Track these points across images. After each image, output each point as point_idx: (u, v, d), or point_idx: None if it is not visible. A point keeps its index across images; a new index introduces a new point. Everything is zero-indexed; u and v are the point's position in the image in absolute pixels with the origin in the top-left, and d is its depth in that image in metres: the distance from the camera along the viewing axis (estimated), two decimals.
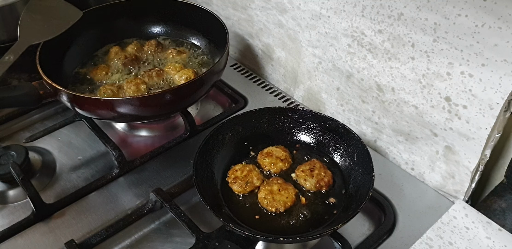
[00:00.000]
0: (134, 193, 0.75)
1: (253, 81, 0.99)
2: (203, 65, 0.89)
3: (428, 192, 0.76)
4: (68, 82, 0.85)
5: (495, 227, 0.68)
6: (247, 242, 0.64)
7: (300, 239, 0.62)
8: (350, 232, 0.69)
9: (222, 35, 0.83)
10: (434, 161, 0.74)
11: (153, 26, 0.97)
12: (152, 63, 0.89)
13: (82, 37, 0.90)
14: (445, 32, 0.60)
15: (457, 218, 0.70)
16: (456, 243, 0.66)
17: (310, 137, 0.78)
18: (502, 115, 0.61)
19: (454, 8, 0.57)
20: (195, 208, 0.73)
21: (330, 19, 0.75)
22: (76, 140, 0.85)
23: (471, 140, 0.65)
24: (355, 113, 0.83)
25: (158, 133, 0.88)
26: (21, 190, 0.74)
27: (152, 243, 0.69)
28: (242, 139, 0.76)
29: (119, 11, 0.93)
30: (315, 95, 0.89)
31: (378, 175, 0.67)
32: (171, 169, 0.79)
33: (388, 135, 0.79)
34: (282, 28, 0.87)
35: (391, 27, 0.66)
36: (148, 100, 0.70)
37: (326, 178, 0.70)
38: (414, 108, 0.71)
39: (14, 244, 0.68)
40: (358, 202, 0.64)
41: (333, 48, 0.78)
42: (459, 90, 0.63)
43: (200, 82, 0.75)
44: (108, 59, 0.90)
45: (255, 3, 0.89)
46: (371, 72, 0.74)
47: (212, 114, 0.91)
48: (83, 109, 0.72)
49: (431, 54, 0.63)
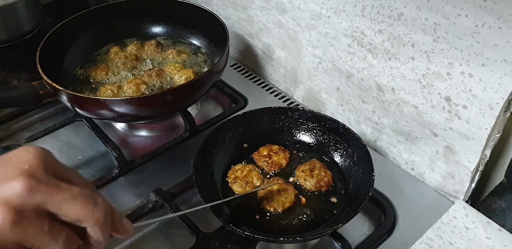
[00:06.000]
0: (134, 193, 0.75)
1: (253, 81, 0.99)
2: (203, 65, 0.89)
3: (428, 192, 0.76)
4: (68, 82, 0.85)
5: (495, 227, 0.68)
6: (247, 242, 0.64)
7: (300, 239, 0.62)
8: (350, 232, 0.69)
9: (222, 35, 0.83)
10: (434, 161, 0.74)
11: (153, 26, 0.97)
12: (152, 63, 0.89)
13: (82, 37, 0.90)
14: (445, 32, 0.60)
15: (457, 218, 0.70)
16: (456, 243, 0.66)
17: (310, 137, 0.78)
18: (502, 115, 0.61)
19: (454, 8, 0.57)
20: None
21: (330, 19, 0.75)
22: (76, 140, 0.85)
23: (471, 140, 0.65)
24: (355, 113, 0.83)
25: (158, 133, 0.88)
26: None
27: (152, 243, 0.69)
28: (242, 139, 0.76)
29: (119, 11, 0.93)
30: (315, 95, 0.89)
31: (378, 175, 0.67)
32: (171, 169, 0.79)
33: (388, 135, 0.79)
34: (282, 28, 0.87)
35: (391, 27, 0.66)
36: (148, 100, 0.70)
37: (326, 178, 0.70)
38: (414, 108, 0.71)
39: None
40: (358, 202, 0.64)
41: (333, 48, 0.78)
42: (459, 90, 0.63)
43: (200, 82, 0.75)
44: (108, 59, 0.90)
45: (255, 3, 0.89)
46: (371, 72, 0.74)
47: (212, 114, 0.91)
48: (83, 109, 0.72)
49: (431, 54, 0.63)
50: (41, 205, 0.34)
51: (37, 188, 0.34)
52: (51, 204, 0.35)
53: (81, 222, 0.37)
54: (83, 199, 0.36)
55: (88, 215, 0.36)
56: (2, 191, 0.33)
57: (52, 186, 0.35)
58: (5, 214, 0.32)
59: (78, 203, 0.36)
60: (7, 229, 0.32)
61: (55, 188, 0.35)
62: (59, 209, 0.35)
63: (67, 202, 0.35)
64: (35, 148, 0.37)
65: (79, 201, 0.36)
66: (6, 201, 0.33)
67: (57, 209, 0.35)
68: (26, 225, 0.33)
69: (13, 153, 0.36)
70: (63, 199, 0.35)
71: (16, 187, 0.33)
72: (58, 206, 0.35)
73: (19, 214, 0.33)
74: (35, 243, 0.34)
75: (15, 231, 0.33)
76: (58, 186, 0.35)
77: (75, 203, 0.36)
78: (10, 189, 0.33)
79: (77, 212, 0.36)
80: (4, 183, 0.34)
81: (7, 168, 0.35)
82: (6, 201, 0.33)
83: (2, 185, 0.33)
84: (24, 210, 0.33)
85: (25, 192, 0.33)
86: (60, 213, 0.35)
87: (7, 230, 0.32)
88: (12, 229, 0.32)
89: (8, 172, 0.34)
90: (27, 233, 0.33)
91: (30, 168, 0.35)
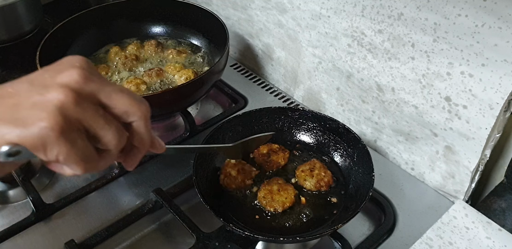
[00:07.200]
0: (134, 193, 0.75)
1: (253, 81, 0.99)
2: (203, 65, 0.89)
3: (428, 192, 0.76)
4: None
5: (495, 227, 0.68)
6: (247, 242, 0.64)
7: (300, 239, 0.62)
8: (350, 232, 0.69)
9: (222, 35, 0.83)
10: (434, 161, 0.74)
11: (153, 26, 0.97)
12: (152, 63, 0.89)
13: (82, 37, 0.90)
14: (445, 32, 0.60)
15: (457, 218, 0.70)
16: (456, 243, 0.66)
17: (310, 137, 0.78)
18: (502, 115, 0.61)
19: (454, 8, 0.57)
20: (195, 208, 0.73)
21: (330, 19, 0.75)
22: None
23: (471, 140, 0.65)
24: (355, 113, 0.83)
25: (158, 133, 0.88)
26: (21, 190, 0.74)
27: (152, 243, 0.69)
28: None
29: (119, 11, 0.93)
30: (315, 95, 0.89)
31: (378, 175, 0.67)
32: (171, 169, 0.79)
33: (388, 135, 0.79)
34: (282, 28, 0.87)
35: (391, 27, 0.66)
36: (148, 100, 0.69)
37: (326, 178, 0.70)
38: (414, 108, 0.71)
39: (14, 243, 0.68)
40: (358, 202, 0.64)
41: (333, 48, 0.78)
42: (459, 90, 0.63)
43: (200, 82, 0.75)
44: (108, 59, 0.90)
45: (255, 3, 0.89)
46: (371, 72, 0.74)
47: (212, 114, 0.91)
48: None
49: (431, 54, 0.63)
50: (95, 92, 0.37)
51: (90, 78, 0.37)
52: (103, 93, 0.38)
53: (128, 114, 0.39)
54: (129, 93, 0.40)
55: (136, 106, 0.39)
56: (61, 77, 0.37)
57: (103, 79, 0.39)
58: (68, 93, 0.35)
59: (126, 95, 0.39)
60: (71, 105, 0.35)
61: (105, 81, 0.39)
62: (110, 99, 0.38)
63: (116, 93, 0.38)
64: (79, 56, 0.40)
65: (127, 93, 0.39)
66: (67, 84, 0.36)
67: (108, 99, 0.38)
68: (85, 106, 0.36)
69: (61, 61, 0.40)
70: (113, 90, 0.38)
71: (73, 75, 0.37)
72: (109, 96, 0.38)
73: (79, 95, 0.36)
74: (92, 124, 0.37)
75: (77, 109, 0.35)
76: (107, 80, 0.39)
77: (123, 94, 0.39)
78: (68, 76, 0.37)
79: (126, 103, 0.39)
80: (62, 72, 0.37)
81: (61, 65, 0.39)
82: (66, 84, 0.36)
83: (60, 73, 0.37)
84: (83, 93, 0.36)
85: (81, 79, 0.37)
86: (111, 104, 0.38)
87: (71, 106, 0.35)
88: (74, 106, 0.35)
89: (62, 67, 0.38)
90: (86, 113, 0.36)
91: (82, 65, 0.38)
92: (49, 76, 0.37)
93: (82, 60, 0.39)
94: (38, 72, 0.39)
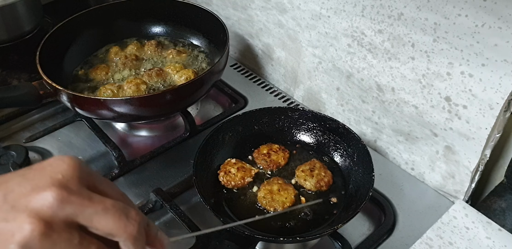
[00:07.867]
0: (134, 193, 0.75)
1: (253, 81, 0.99)
2: (203, 65, 0.89)
3: (428, 192, 0.76)
4: (68, 82, 0.85)
5: (495, 227, 0.68)
6: (247, 242, 0.64)
7: (300, 239, 0.62)
8: (350, 232, 0.69)
9: (222, 35, 0.83)
10: (434, 161, 0.74)
11: (153, 26, 0.97)
12: (152, 63, 0.89)
13: (82, 37, 0.90)
14: (445, 32, 0.60)
15: (457, 218, 0.70)
16: (456, 243, 0.66)
17: (310, 137, 0.78)
18: (502, 115, 0.61)
19: (454, 8, 0.57)
20: (195, 208, 0.73)
21: (330, 19, 0.75)
22: (76, 140, 0.85)
23: (471, 140, 0.65)
24: (355, 113, 0.83)
25: (158, 133, 0.88)
26: None
27: None
28: (242, 139, 0.76)
29: (119, 11, 0.93)
30: (315, 95, 0.89)
31: (378, 175, 0.67)
32: (171, 169, 0.79)
33: (388, 135, 0.79)
34: (282, 28, 0.87)
35: (391, 27, 0.66)
36: (148, 100, 0.70)
37: (326, 178, 0.70)
38: (414, 108, 0.71)
39: None
40: (358, 202, 0.64)
41: (333, 48, 0.78)
42: (459, 90, 0.63)
43: (200, 82, 0.75)
44: (108, 59, 0.90)
45: (255, 3, 0.89)
46: (371, 72, 0.74)
47: (212, 114, 0.91)
48: (83, 109, 0.72)
49: (431, 54, 0.63)
50: (72, 217, 0.33)
51: (68, 199, 0.33)
52: (81, 216, 0.34)
53: (113, 236, 0.35)
54: (115, 212, 0.35)
55: (120, 229, 0.35)
56: (33, 201, 0.32)
57: (84, 197, 0.34)
58: (34, 226, 0.31)
59: (110, 216, 0.35)
60: (36, 241, 0.31)
61: (87, 200, 0.34)
62: (90, 222, 0.34)
63: (98, 215, 0.34)
64: (71, 158, 0.36)
65: (111, 214, 0.35)
66: (37, 212, 0.32)
67: (88, 222, 0.34)
68: (55, 237, 0.32)
69: (47, 162, 0.35)
70: (94, 212, 0.34)
71: (48, 198, 0.32)
72: (89, 219, 0.34)
73: (49, 226, 0.32)
74: None
75: (44, 244, 0.32)
76: (90, 198, 0.34)
77: (107, 216, 0.34)
78: (41, 200, 0.32)
79: (109, 226, 0.35)
80: (36, 192, 0.33)
81: (40, 177, 0.34)
82: (36, 212, 0.32)
83: (34, 195, 0.33)
84: (54, 221, 0.32)
85: (56, 203, 0.32)
86: (91, 226, 0.34)
87: (36, 242, 0.31)
88: (41, 241, 0.31)
89: (41, 181, 0.33)
90: (56, 246, 0.32)
91: (64, 178, 0.34)
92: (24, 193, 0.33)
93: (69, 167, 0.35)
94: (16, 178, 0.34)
